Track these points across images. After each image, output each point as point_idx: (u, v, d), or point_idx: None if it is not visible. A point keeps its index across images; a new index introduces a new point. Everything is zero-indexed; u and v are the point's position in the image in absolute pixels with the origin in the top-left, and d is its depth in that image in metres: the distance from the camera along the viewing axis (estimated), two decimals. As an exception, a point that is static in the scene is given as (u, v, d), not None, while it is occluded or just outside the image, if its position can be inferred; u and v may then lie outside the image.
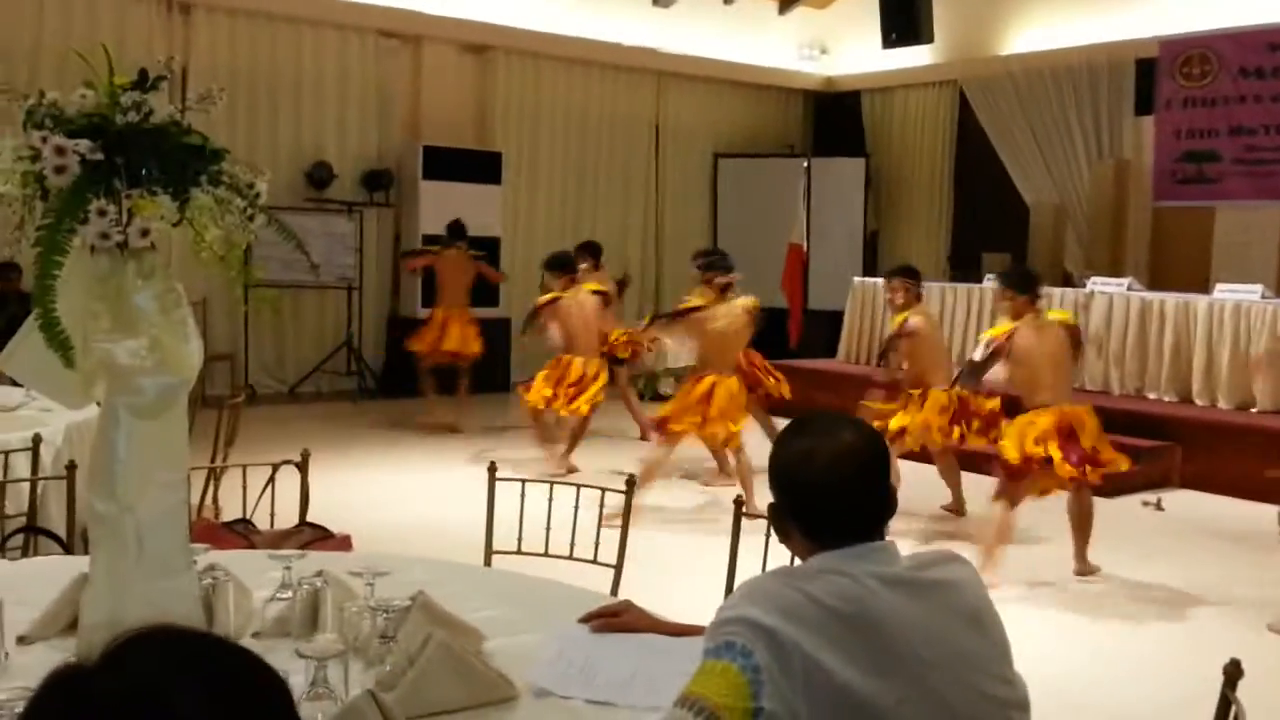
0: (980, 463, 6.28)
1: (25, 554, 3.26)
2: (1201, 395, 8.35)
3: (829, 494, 1.62)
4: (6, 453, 3.51)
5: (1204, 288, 9.09)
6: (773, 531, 1.72)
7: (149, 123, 1.83)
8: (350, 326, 10.59)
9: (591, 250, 8.71)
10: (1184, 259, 10.75)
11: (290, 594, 2.13)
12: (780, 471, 1.67)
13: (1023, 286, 5.54)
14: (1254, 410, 8.08)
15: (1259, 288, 8.51)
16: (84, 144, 1.74)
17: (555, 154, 12.18)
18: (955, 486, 6.57)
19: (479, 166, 11.14)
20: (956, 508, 6.56)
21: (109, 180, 1.78)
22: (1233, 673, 1.78)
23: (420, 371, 8.87)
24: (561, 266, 7.54)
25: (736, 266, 6.55)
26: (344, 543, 3.41)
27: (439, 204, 10.77)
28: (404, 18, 10.77)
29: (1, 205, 1.80)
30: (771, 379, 7.42)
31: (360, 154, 10.79)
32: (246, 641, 2.05)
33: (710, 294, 6.42)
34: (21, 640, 2.02)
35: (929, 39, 10.96)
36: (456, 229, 9.02)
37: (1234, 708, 1.75)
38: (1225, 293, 8.54)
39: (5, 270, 8.00)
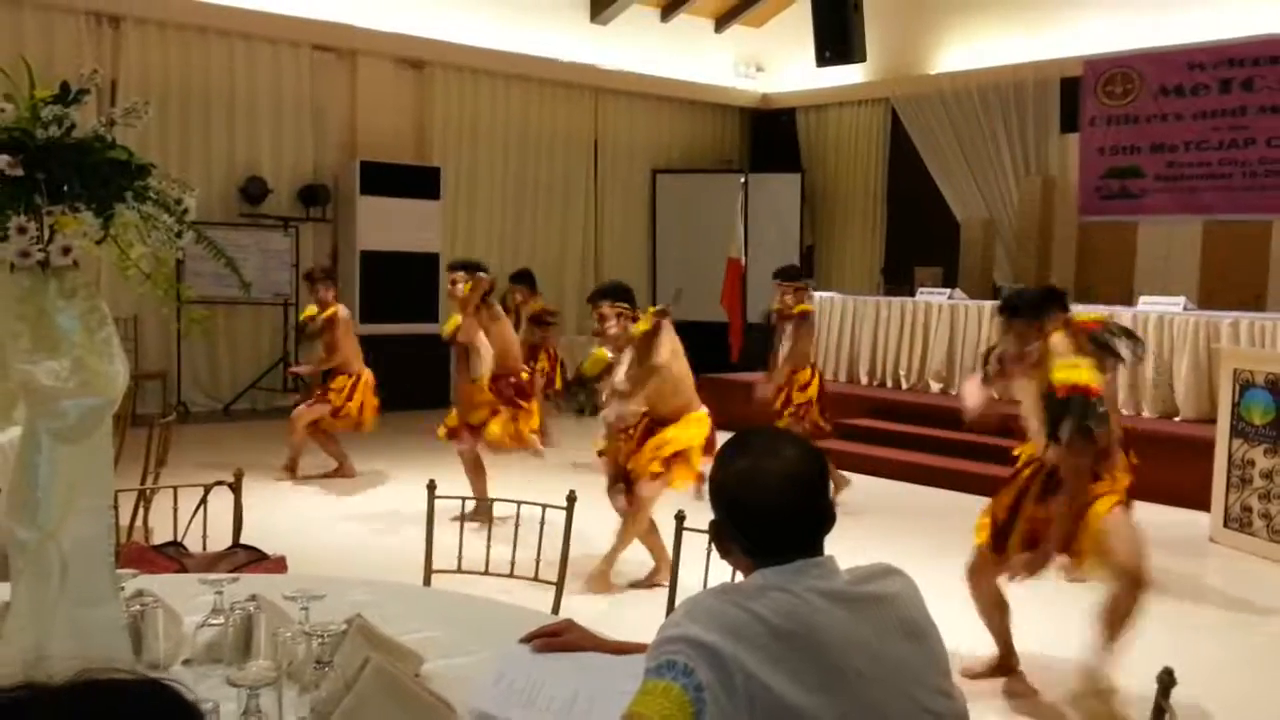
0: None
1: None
2: (1126, 405, 8.53)
3: (770, 511, 1.62)
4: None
5: (1128, 300, 9.32)
6: (714, 547, 1.72)
7: (71, 137, 1.78)
8: (286, 343, 10.44)
9: (525, 279, 8.74)
10: (1109, 272, 11.03)
11: (222, 619, 2.07)
12: (721, 489, 1.67)
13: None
14: (1177, 419, 8.28)
15: (1181, 299, 8.75)
16: (3, 159, 1.69)
17: (494, 169, 12.14)
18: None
19: (417, 182, 11.06)
20: None
21: (29, 196, 1.72)
22: (1166, 681, 1.80)
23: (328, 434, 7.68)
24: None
25: (675, 281, 6.64)
26: (279, 565, 3.34)
27: (377, 219, 10.68)
28: (339, 32, 10.66)
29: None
30: None
31: (296, 169, 10.65)
32: (176, 670, 2.00)
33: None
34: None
35: (861, 58, 11.11)
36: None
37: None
38: (1149, 305, 8.75)
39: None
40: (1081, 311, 4.90)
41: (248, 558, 3.08)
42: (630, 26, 12.60)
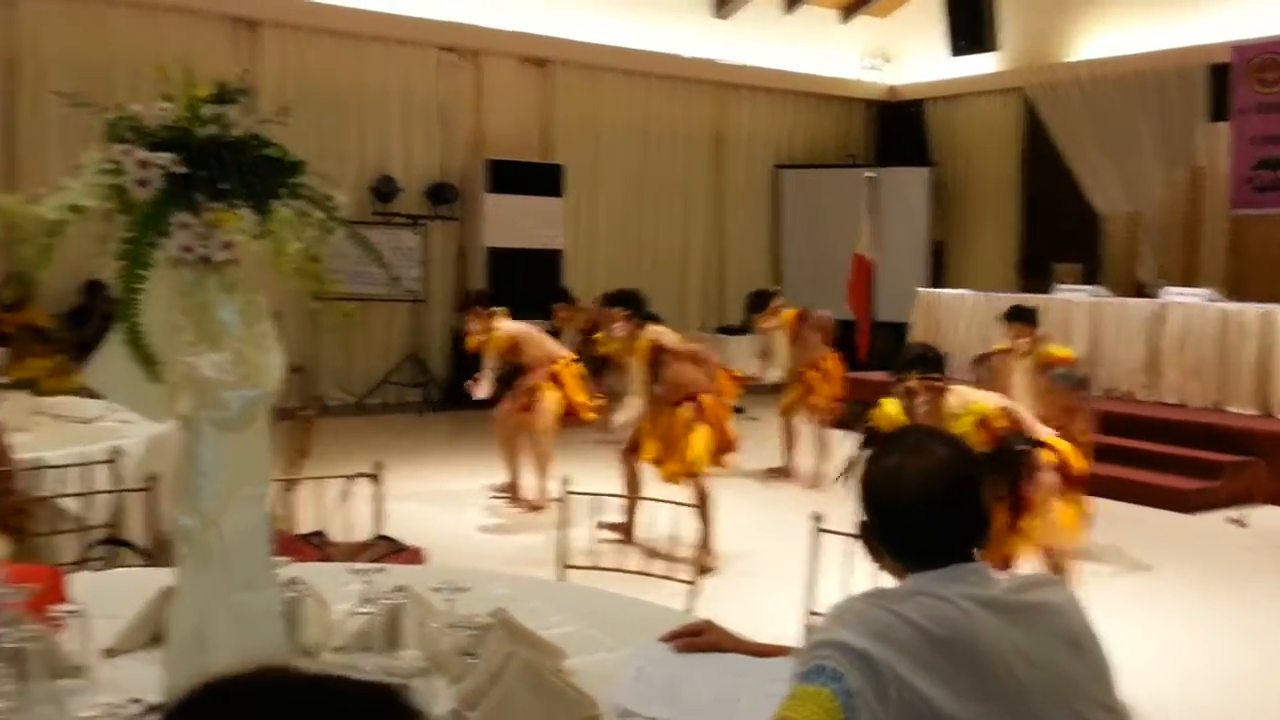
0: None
1: (109, 566, 3.30)
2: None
3: (918, 514, 1.57)
4: (87, 464, 3.56)
5: (1286, 296, 8.81)
6: (864, 551, 1.67)
7: (229, 135, 1.83)
8: (417, 339, 10.69)
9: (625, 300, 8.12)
10: (1264, 268, 10.44)
11: (370, 609, 2.11)
12: (868, 490, 1.62)
13: None
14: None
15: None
16: (167, 157, 1.74)
17: (616, 166, 12.20)
18: None
19: (541, 179, 11.19)
20: None
21: (191, 194, 1.77)
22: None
23: None
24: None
25: (800, 278, 6.46)
26: (416, 555, 3.41)
27: (502, 216, 10.85)
28: (465, 33, 10.86)
29: (84, 219, 1.80)
30: None
31: (425, 168, 10.89)
32: (328, 656, 2.04)
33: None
34: (108, 653, 2.03)
35: (995, 46, 10.80)
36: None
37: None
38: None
39: (91, 288, 8.20)
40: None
41: (387, 548, 3.14)
42: (753, 20, 12.50)
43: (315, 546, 3.06)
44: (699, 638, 2.07)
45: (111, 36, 9.16)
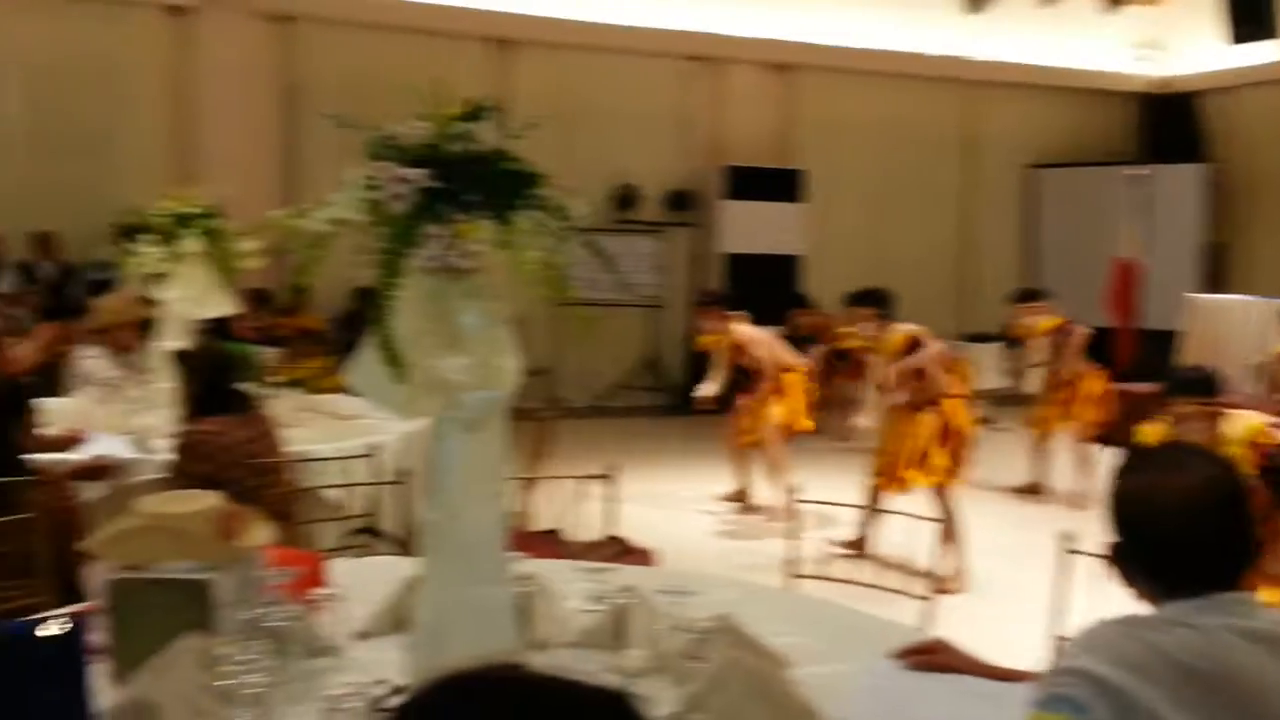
0: None
1: (365, 554, 3.53)
2: None
3: (1175, 537, 1.45)
4: (347, 458, 3.83)
5: None
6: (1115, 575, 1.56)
7: (475, 151, 1.92)
8: (654, 344, 10.89)
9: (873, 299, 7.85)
10: None
11: (599, 607, 2.16)
12: (1120, 509, 1.51)
13: None
14: None
15: None
16: (419, 173, 1.84)
17: (859, 169, 12.00)
18: None
19: (780, 185, 11.15)
20: None
21: (439, 206, 1.87)
22: None
23: None
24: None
25: (1058, 283, 6.10)
26: (647, 557, 3.46)
27: (740, 222, 10.88)
28: (709, 42, 10.98)
29: (348, 231, 1.94)
30: None
31: (664, 175, 11.08)
32: (558, 651, 2.11)
33: None
34: (361, 636, 2.17)
35: (1281, 32, 9.88)
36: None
37: None
38: None
39: (363, 294, 8.83)
40: None
41: (619, 549, 3.21)
42: (1008, 14, 11.95)
43: (549, 544, 3.17)
44: (932, 656, 1.99)
45: (381, 60, 9.83)
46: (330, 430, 4.44)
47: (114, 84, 9.20)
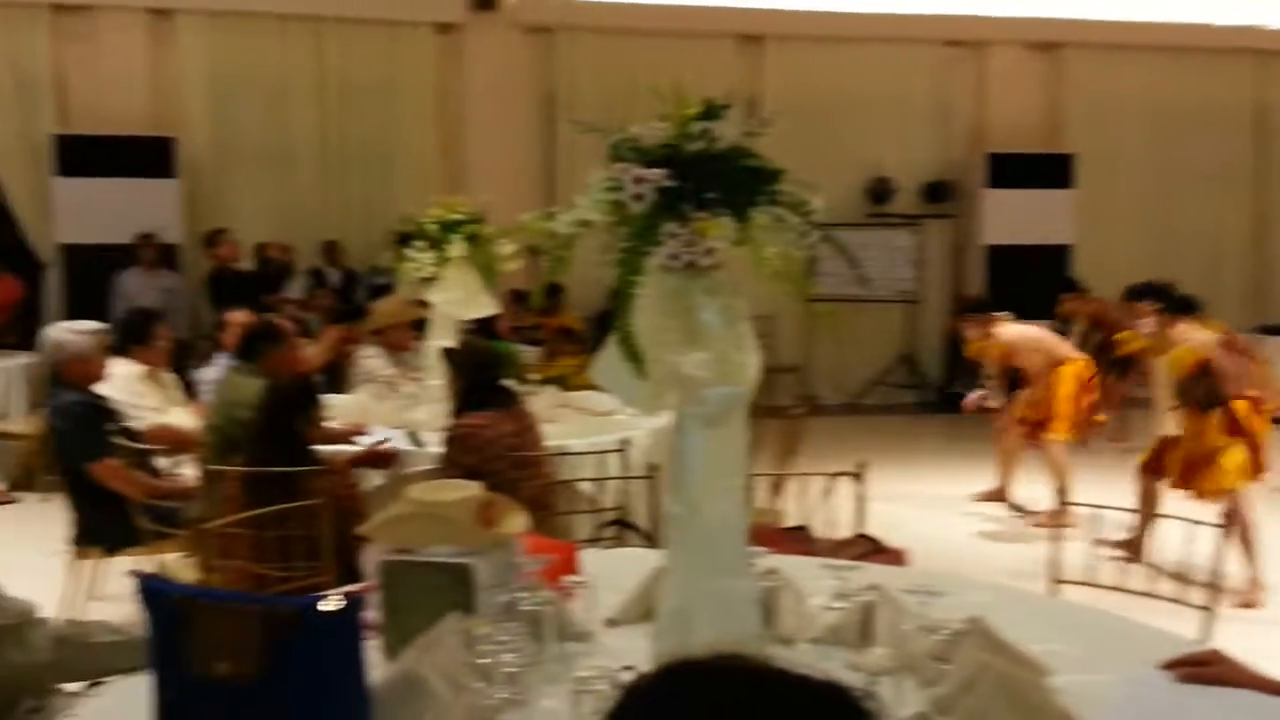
0: None
1: (616, 545, 3.64)
2: None
3: None
4: (601, 453, 3.95)
5: None
6: None
7: (714, 149, 1.94)
8: (911, 340, 10.60)
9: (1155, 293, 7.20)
10: None
11: (844, 604, 2.14)
12: None
13: None
14: None
15: None
16: (658, 172, 1.88)
17: (1136, 151, 11.21)
18: None
19: (1047, 171, 10.59)
20: None
21: (679, 205, 1.91)
22: None
23: None
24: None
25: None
26: (898, 557, 3.38)
27: (1003, 212, 10.43)
28: (968, 24, 10.57)
29: (592, 232, 2.00)
30: None
31: (921, 166, 10.76)
32: (802, 647, 2.10)
33: None
34: (610, 623, 2.25)
35: None
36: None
37: None
38: None
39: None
40: None
41: (868, 547, 3.15)
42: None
43: (798, 540, 3.16)
44: (1205, 668, 1.85)
45: (634, 64, 10.07)
46: (585, 426, 4.60)
47: (390, 102, 9.90)
